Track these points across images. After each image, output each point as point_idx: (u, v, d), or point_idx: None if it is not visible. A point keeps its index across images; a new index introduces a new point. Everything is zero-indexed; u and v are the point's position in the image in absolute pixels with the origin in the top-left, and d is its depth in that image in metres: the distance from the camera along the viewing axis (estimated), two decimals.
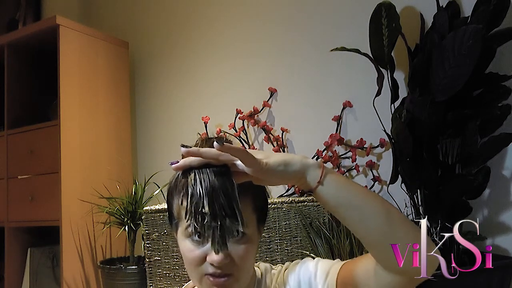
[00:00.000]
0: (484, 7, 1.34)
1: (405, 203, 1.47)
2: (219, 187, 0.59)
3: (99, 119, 2.14)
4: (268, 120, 1.93)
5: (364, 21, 1.46)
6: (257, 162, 0.60)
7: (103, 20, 2.56)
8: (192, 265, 0.69)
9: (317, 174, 0.62)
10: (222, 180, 0.59)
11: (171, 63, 2.27)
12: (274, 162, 0.61)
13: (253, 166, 0.60)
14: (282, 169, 0.61)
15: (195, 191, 0.59)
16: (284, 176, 0.62)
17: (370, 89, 1.54)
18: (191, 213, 0.59)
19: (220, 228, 0.59)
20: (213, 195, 0.58)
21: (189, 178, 0.60)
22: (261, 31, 2.00)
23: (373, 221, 0.62)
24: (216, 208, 0.58)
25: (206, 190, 0.58)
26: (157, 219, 1.64)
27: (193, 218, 0.59)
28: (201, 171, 0.60)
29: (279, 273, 0.80)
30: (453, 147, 1.44)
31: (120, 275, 1.83)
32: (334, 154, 1.70)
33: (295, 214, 1.48)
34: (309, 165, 0.63)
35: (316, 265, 0.76)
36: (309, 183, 0.63)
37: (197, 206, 0.58)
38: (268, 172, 0.61)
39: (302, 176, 0.63)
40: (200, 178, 0.59)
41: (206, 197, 0.58)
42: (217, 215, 0.58)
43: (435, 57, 1.31)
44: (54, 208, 1.91)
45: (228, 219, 0.59)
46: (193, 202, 0.59)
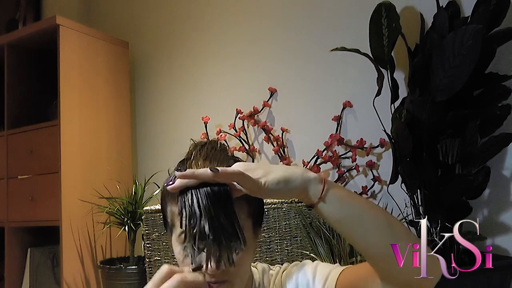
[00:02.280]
0: (484, 7, 1.34)
1: (405, 203, 1.47)
2: (218, 207, 0.56)
3: (99, 119, 2.14)
4: (268, 120, 1.93)
5: (364, 21, 1.46)
6: (255, 183, 0.58)
7: (103, 20, 2.56)
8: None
9: (318, 189, 0.61)
10: (220, 198, 0.57)
11: (171, 63, 2.27)
12: (273, 180, 0.59)
13: (251, 187, 0.58)
14: (281, 187, 0.60)
15: (193, 212, 0.56)
16: (284, 193, 0.60)
17: (370, 89, 1.54)
18: (190, 234, 0.56)
19: (220, 247, 0.57)
20: (213, 215, 0.56)
21: (186, 198, 0.57)
22: (261, 31, 2.00)
23: (375, 235, 0.61)
24: (217, 228, 0.56)
25: (205, 210, 0.56)
26: (157, 219, 1.64)
27: (193, 240, 0.56)
28: (198, 191, 0.57)
29: (277, 275, 0.79)
30: (453, 147, 1.44)
31: (120, 275, 1.82)
32: (334, 154, 1.70)
33: (295, 214, 1.48)
34: (310, 180, 0.61)
35: (314, 269, 0.75)
36: (310, 199, 0.62)
37: (196, 227, 0.56)
38: (266, 192, 0.59)
39: (303, 191, 0.61)
40: (197, 198, 0.57)
41: (206, 217, 0.56)
42: (218, 235, 0.56)
43: (435, 57, 1.31)
44: (54, 208, 1.91)
45: (230, 238, 0.57)
46: (191, 224, 0.56)
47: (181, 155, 0.73)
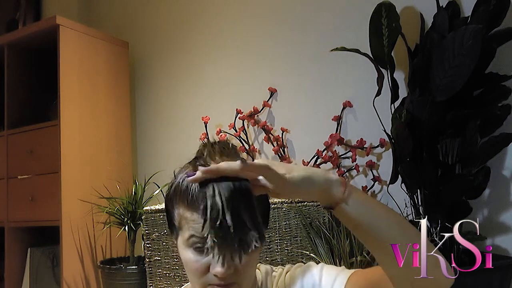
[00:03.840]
0: (484, 7, 1.34)
1: (405, 203, 1.47)
2: (240, 199, 0.56)
3: (99, 119, 2.14)
4: (268, 120, 1.93)
5: (364, 21, 1.46)
6: (281, 178, 0.58)
7: (103, 20, 2.55)
8: (196, 276, 0.67)
9: (340, 191, 0.61)
10: (242, 192, 0.57)
11: (171, 63, 2.27)
12: (298, 177, 0.59)
13: (277, 182, 0.58)
14: (305, 185, 0.59)
15: (215, 203, 0.56)
16: (307, 192, 0.60)
17: (370, 89, 1.54)
18: (211, 226, 0.56)
19: (239, 241, 0.56)
20: (235, 207, 0.56)
21: (208, 190, 0.57)
22: (261, 31, 2.00)
23: (392, 239, 0.61)
24: (238, 221, 0.55)
25: (227, 203, 0.56)
26: (157, 219, 1.64)
27: (213, 231, 0.56)
28: (220, 184, 0.57)
29: (280, 276, 0.78)
30: (453, 147, 1.44)
31: (120, 275, 1.82)
32: (334, 154, 1.70)
33: (295, 214, 1.48)
34: (332, 181, 0.61)
35: (320, 272, 0.74)
36: (331, 200, 0.61)
37: (218, 219, 0.55)
38: (291, 188, 0.59)
39: (324, 192, 0.61)
40: (219, 190, 0.56)
41: (228, 210, 0.55)
42: (239, 228, 0.55)
43: (435, 57, 1.31)
44: (54, 208, 1.91)
45: (250, 232, 0.56)
46: (213, 215, 0.55)
47: (181, 155, 0.73)
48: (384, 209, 0.65)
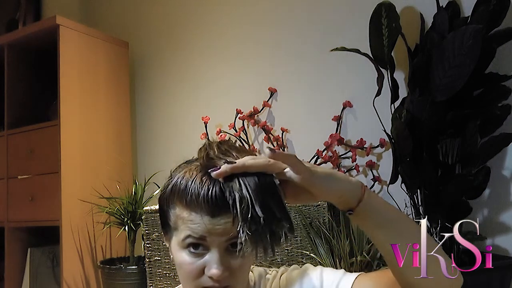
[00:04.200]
0: (484, 7, 1.34)
1: (405, 203, 1.47)
2: (266, 191, 0.56)
3: (99, 119, 2.14)
4: (268, 120, 1.93)
5: (364, 21, 1.46)
6: (307, 169, 0.57)
7: (103, 20, 2.55)
8: (190, 278, 0.66)
9: (359, 194, 0.61)
10: (268, 185, 0.57)
11: (171, 63, 2.27)
12: (322, 173, 0.59)
13: (303, 173, 0.57)
14: (328, 182, 0.59)
15: (243, 196, 0.55)
16: (329, 189, 0.60)
17: (370, 89, 1.54)
18: (242, 218, 0.55)
19: (271, 232, 0.55)
20: (262, 199, 0.55)
21: (234, 184, 0.57)
22: (261, 31, 2.00)
23: (408, 241, 0.61)
24: (268, 212, 0.55)
25: (255, 195, 0.55)
26: (157, 219, 1.64)
27: (244, 224, 0.55)
28: (245, 178, 0.57)
29: (274, 278, 0.77)
30: (453, 147, 1.44)
31: (120, 275, 1.83)
32: (334, 154, 1.70)
33: (295, 214, 1.48)
34: (352, 183, 0.61)
35: (320, 275, 0.74)
36: (351, 201, 0.61)
37: (249, 212, 0.55)
38: (315, 182, 0.58)
39: (345, 193, 0.61)
40: (245, 183, 0.56)
41: (257, 202, 0.55)
42: (270, 219, 0.55)
43: (435, 57, 1.31)
44: (54, 208, 1.91)
45: (281, 223, 0.56)
46: (242, 208, 0.55)
47: (181, 155, 0.72)
48: (400, 215, 0.65)
